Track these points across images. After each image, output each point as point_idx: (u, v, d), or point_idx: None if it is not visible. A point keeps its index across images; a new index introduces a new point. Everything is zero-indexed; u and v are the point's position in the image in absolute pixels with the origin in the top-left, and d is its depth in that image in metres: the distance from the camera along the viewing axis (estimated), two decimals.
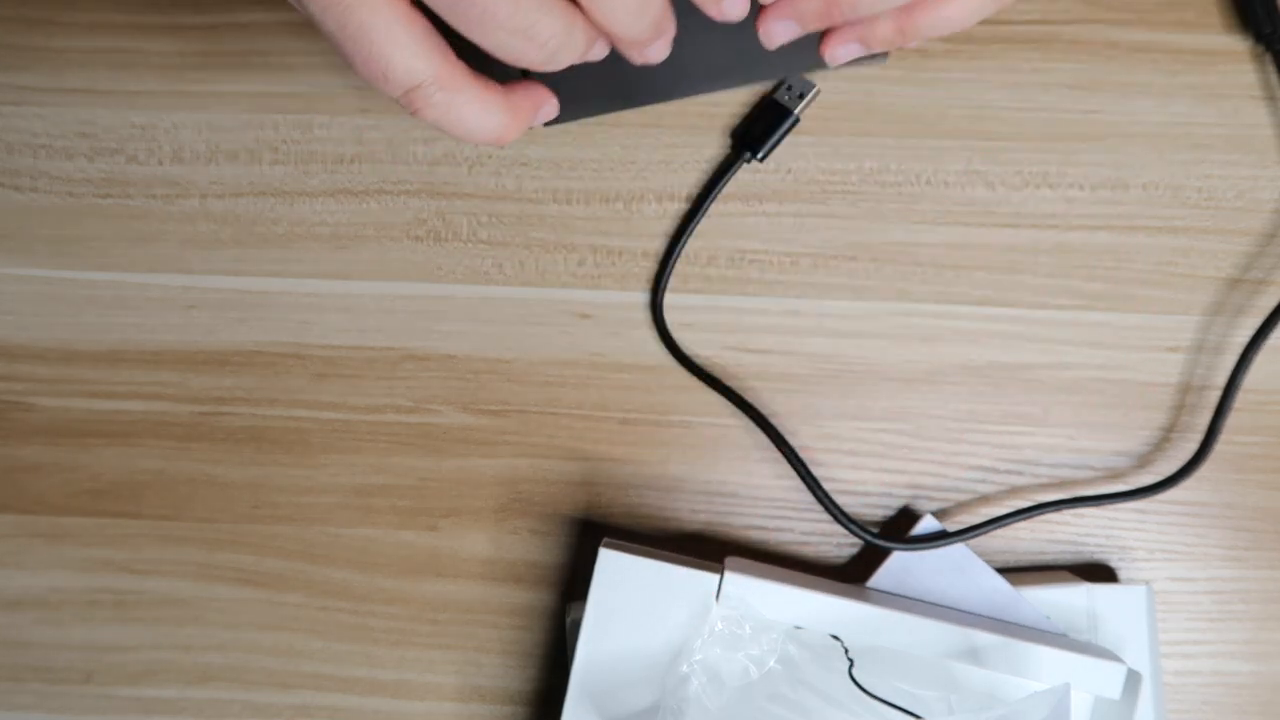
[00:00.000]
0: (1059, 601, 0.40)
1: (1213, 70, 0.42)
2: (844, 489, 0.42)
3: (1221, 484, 0.42)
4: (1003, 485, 0.42)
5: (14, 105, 0.43)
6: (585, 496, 0.43)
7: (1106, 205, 0.42)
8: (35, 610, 0.43)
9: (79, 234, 0.43)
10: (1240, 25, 0.42)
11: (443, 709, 0.43)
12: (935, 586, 0.40)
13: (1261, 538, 0.42)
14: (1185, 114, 0.42)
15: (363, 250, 0.43)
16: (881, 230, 0.42)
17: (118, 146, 0.43)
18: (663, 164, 0.42)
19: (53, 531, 0.43)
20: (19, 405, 0.43)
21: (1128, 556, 0.42)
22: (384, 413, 0.43)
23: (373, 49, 0.25)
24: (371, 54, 0.25)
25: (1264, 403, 0.42)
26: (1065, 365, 0.42)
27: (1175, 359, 0.42)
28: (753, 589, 0.37)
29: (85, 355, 0.43)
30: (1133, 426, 0.42)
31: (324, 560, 0.43)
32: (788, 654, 0.38)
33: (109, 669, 0.43)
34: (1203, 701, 0.42)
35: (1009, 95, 0.42)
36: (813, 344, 0.42)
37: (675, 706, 0.36)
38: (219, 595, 0.43)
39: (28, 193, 0.43)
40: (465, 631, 0.43)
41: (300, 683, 0.43)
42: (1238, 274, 0.42)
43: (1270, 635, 0.42)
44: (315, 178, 0.43)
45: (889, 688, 0.37)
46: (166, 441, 0.43)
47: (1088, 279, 0.42)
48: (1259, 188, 0.42)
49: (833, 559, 0.43)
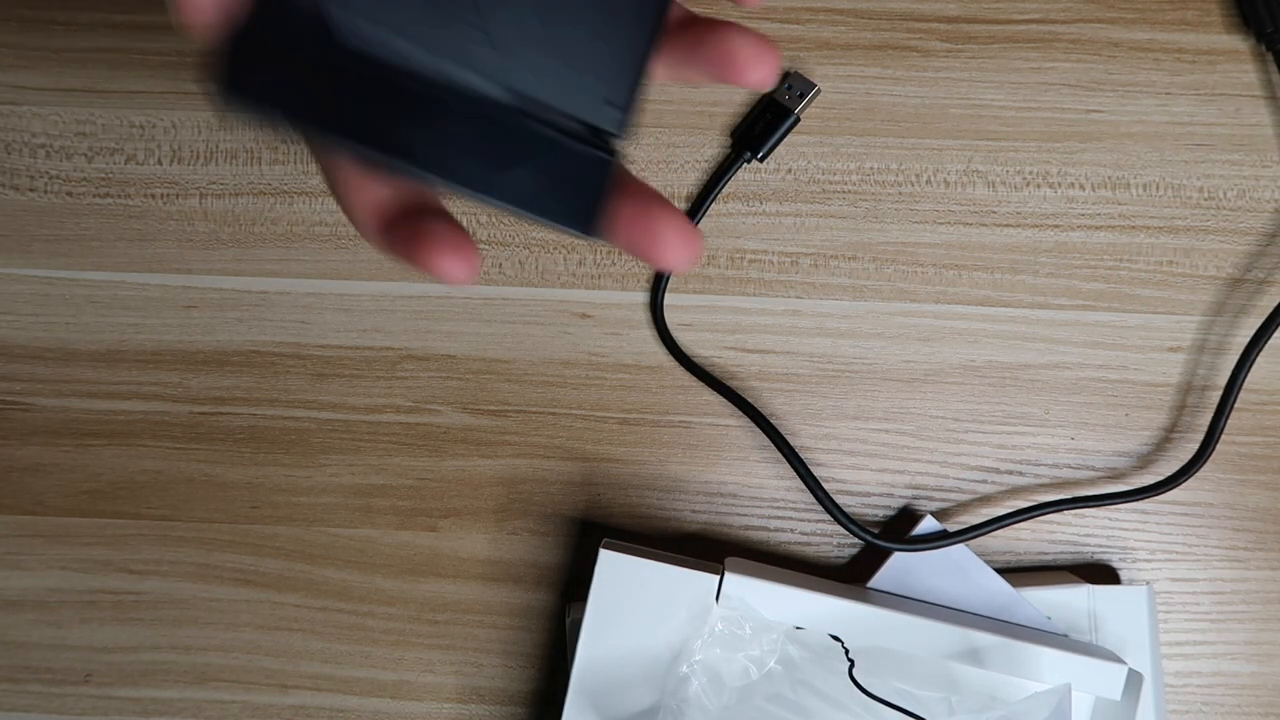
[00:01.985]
0: (1060, 602, 0.40)
1: (1214, 70, 0.42)
2: (844, 489, 0.42)
3: (1222, 484, 0.42)
4: (1003, 485, 0.42)
5: (13, 105, 0.43)
6: (585, 496, 0.43)
7: (1107, 205, 0.42)
8: (35, 610, 0.43)
9: (78, 234, 0.43)
10: (1241, 24, 0.42)
11: (442, 710, 0.43)
12: (936, 587, 0.40)
13: (1262, 538, 0.42)
14: (1186, 113, 0.42)
15: (363, 250, 0.43)
16: (881, 230, 0.42)
17: (117, 146, 0.43)
18: (663, 164, 0.42)
19: (52, 531, 0.43)
20: (18, 405, 0.43)
21: (1129, 557, 0.42)
22: (384, 413, 0.43)
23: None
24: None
25: (1265, 403, 0.42)
26: (1065, 365, 0.42)
27: (1176, 359, 0.42)
28: (753, 589, 0.37)
29: (84, 355, 0.43)
30: (1133, 427, 0.42)
31: (324, 560, 0.43)
32: (788, 654, 0.38)
33: (108, 669, 0.43)
34: (1203, 702, 0.42)
35: (1009, 95, 0.42)
36: (813, 344, 0.42)
37: (675, 707, 0.36)
38: (219, 595, 0.43)
39: (26, 193, 0.43)
40: (465, 632, 0.43)
41: (300, 683, 0.43)
42: (1239, 274, 0.42)
43: (1271, 636, 0.42)
44: (315, 177, 0.43)
45: (889, 688, 0.37)
46: (165, 441, 0.43)
47: (1088, 279, 0.42)
48: (1260, 187, 0.42)
49: (833, 559, 0.42)
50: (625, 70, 0.24)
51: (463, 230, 0.24)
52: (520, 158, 0.23)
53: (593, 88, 0.24)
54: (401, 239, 0.24)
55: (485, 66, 0.23)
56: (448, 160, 0.23)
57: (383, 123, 0.22)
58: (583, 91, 0.24)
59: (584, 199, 0.23)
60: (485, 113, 0.23)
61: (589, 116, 0.23)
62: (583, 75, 0.24)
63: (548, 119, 0.23)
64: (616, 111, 0.24)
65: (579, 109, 0.23)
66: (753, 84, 0.24)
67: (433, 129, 0.23)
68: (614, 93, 0.24)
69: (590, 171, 0.24)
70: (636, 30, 0.24)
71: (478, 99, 0.23)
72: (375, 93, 0.22)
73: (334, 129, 0.22)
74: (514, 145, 0.23)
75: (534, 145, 0.23)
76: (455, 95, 0.23)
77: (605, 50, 0.24)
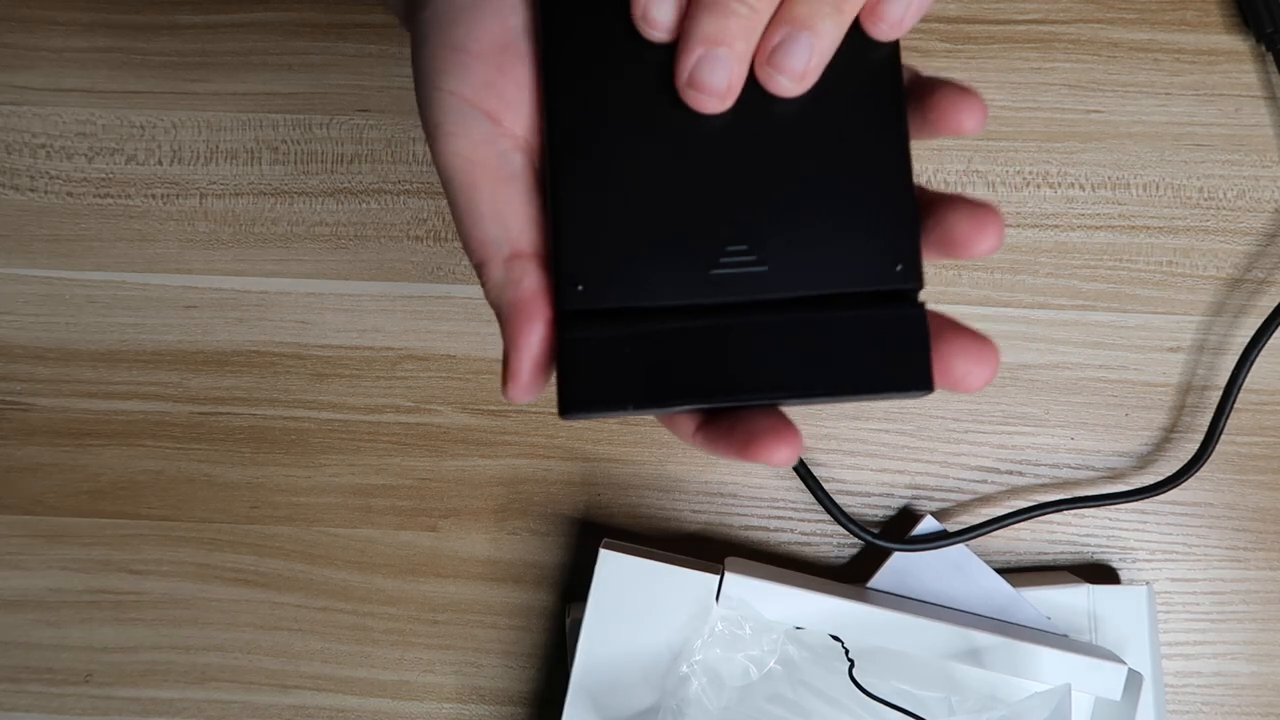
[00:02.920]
0: (1060, 602, 0.40)
1: (1214, 70, 0.42)
2: (844, 489, 0.42)
3: (1222, 484, 0.42)
4: (1003, 485, 0.42)
5: (13, 105, 0.43)
6: (585, 496, 0.43)
7: (1107, 205, 0.42)
8: (35, 610, 0.43)
9: (78, 234, 0.43)
10: (1241, 25, 0.42)
11: (442, 710, 0.43)
12: (935, 587, 0.40)
13: (1262, 538, 0.42)
14: (1186, 114, 0.42)
15: (363, 250, 0.43)
16: None
17: (117, 146, 0.43)
18: None
19: (52, 531, 0.43)
20: (18, 405, 0.43)
21: (1129, 557, 0.42)
22: (384, 413, 0.43)
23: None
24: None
25: (1265, 403, 0.42)
26: (1065, 365, 0.42)
27: (1176, 359, 0.42)
28: (753, 589, 0.37)
29: (84, 355, 0.43)
30: (1133, 427, 0.42)
31: (324, 561, 0.43)
32: (788, 654, 0.38)
33: (109, 669, 0.43)
34: (1203, 702, 0.42)
35: (1009, 95, 0.42)
36: None
37: (675, 707, 0.36)
38: (219, 595, 0.43)
39: (27, 193, 0.43)
40: (465, 632, 0.43)
41: (300, 683, 0.43)
42: (1238, 274, 0.42)
43: (1271, 636, 0.42)
44: (315, 177, 0.43)
45: (889, 688, 0.37)
46: (165, 442, 0.43)
47: (1088, 279, 0.42)
48: (1260, 187, 0.42)
49: (833, 559, 0.42)
50: (900, 222, 0.23)
51: (778, 414, 0.24)
52: (840, 347, 0.23)
53: (876, 257, 0.23)
54: (729, 444, 0.24)
55: (767, 284, 0.23)
56: (783, 380, 0.23)
57: (708, 375, 0.23)
58: (868, 265, 0.23)
59: (914, 360, 0.23)
60: (789, 319, 0.23)
61: (884, 284, 0.23)
62: (863, 250, 0.23)
63: (846, 303, 0.23)
64: (907, 266, 0.23)
65: (873, 282, 0.23)
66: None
67: (752, 357, 0.23)
68: (899, 251, 0.23)
69: (908, 331, 0.23)
70: (894, 176, 0.24)
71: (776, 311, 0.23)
72: (687, 351, 0.23)
73: (675, 400, 0.23)
74: (828, 338, 0.23)
75: (846, 330, 0.23)
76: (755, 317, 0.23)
77: (874, 214, 0.23)
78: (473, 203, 0.24)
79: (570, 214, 0.24)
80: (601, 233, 0.24)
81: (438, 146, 0.24)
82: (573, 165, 0.24)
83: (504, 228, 0.24)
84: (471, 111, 0.24)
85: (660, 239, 0.24)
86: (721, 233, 0.23)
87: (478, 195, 0.24)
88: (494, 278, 0.24)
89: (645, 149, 0.24)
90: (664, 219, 0.24)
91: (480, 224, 0.24)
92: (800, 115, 0.24)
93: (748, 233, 0.23)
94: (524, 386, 0.24)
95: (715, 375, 0.23)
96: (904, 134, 0.24)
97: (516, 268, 0.24)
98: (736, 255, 0.23)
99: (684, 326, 0.23)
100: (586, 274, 0.23)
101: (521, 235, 0.24)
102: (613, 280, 0.23)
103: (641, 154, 0.24)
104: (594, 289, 0.23)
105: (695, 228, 0.24)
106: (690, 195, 0.24)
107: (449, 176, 0.24)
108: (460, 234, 0.25)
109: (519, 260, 0.24)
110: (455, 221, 0.25)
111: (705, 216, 0.24)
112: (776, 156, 0.24)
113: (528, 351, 0.24)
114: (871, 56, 0.24)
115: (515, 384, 0.24)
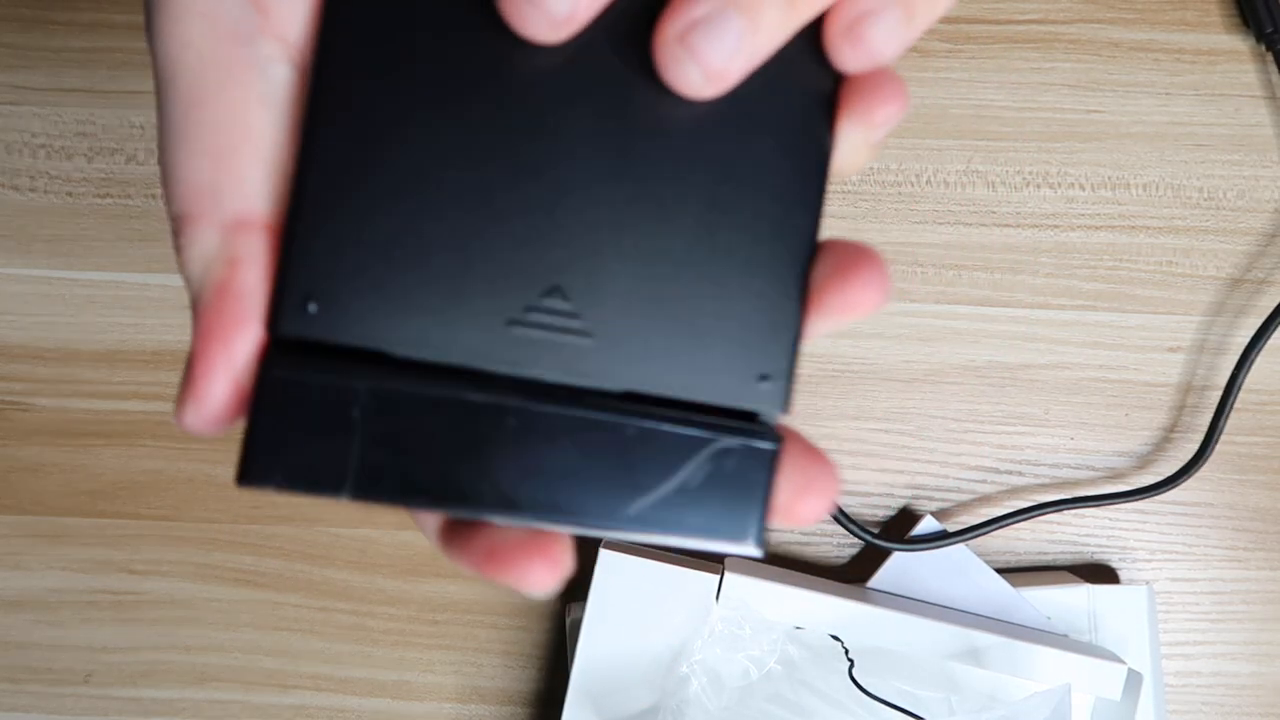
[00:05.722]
0: (1060, 602, 0.40)
1: (1214, 70, 0.42)
2: (844, 489, 0.42)
3: (1222, 484, 0.42)
4: (1003, 485, 0.42)
5: (13, 105, 0.43)
6: None
7: (1107, 205, 0.42)
8: (35, 610, 0.43)
9: (78, 234, 0.43)
10: (1241, 24, 0.42)
11: (442, 710, 0.43)
12: (935, 587, 0.40)
13: (1262, 538, 0.42)
14: (1186, 114, 0.42)
15: None
16: (881, 230, 0.42)
17: (117, 146, 0.43)
18: None
19: (52, 531, 0.43)
20: (18, 405, 0.43)
21: (1128, 557, 0.42)
22: None
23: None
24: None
25: (1265, 403, 0.42)
26: (1065, 365, 0.42)
27: (1176, 359, 0.42)
28: (753, 589, 0.37)
29: (84, 355, 0.43)
30: (1133, 427, 0.42)
31: (324, 560, 0.43)
32: (788, 655, 0.38)
33: (108, 669, 0.43)
34: (1203, 702, 0.42)
35: (1009, 95, 0.42)
36: (812, 344, 0.42)
37: (675, 707, 0.36)
38: (219, 595, 0.43)
39: (27, 193, 0.43)
40: (465, 632, 0.43)
41: (300, 683, 0.43)
42: (1238, 274, 0.42)
43: (1271, 636, 0.42)
44: None
45: (889, 688, 0.37)
46: (166, 441, 0.43)
47: (1088, 279, 0.42)
48: (1260, 187, 0.42)
49: (833, 559, 0.42)
50: (778, 330, 0.18)
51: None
52: (655, 473, 0.17)
53: (739, 364, 0.18)
54: (470, 554, 0.18)
55: (583, 366, 0.17)
56: (565, 502, 0.17)
57: (461, 473, 0.17)
58: (726, 372, 0.18)
59: (747, 510, 0.18)
60: (595, 423, 0.17)
61: (740, 401, 0.18)
62: (724, 352, 0.18)
63: (682, 415, 0.18)
64: (774, 385, 0.18)
65: (726, 395, 0.18)
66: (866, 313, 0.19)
67: (529, 460, 0.17)
68: (767, 362, 0.18)
69: (749, 469, 0.18)
70: (789, 257, 0.18)
71: (581, 406, 0.17)
72: (442, 431, 0.17)
73: (408, 497, 0.17)
74: (642, 459, 0.17)
75: (669, 453, 0.17)
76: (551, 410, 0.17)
77: (750, 302, 0.18)
78: (194, 124, 0.16)
79: (322, 191, 0.16)
80: (364, 231, 0.16)
81: (159, 26, 0.16)
82: (344, 114, 0.16)
83: (234, 175, 0.16)
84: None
85: (449, 260, 0.16)
86: (539, 272, 0.17)
87: (203, 113, 0.16)
88: (201, 244, 0.17)
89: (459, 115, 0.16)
90: (462, 230, 0.16)
91: (197, 158, 0.16)
92: (692, 133, 0.17)
93: (576, 281, 0.17)
94: (209, 412, 0.17)
95: (471, 475, 0.17)
96: (818, 207, 0.18)
97: (240, 240, 0.17)
98: (553, 311, 0.17)
99: (446, 396, 0.16)
100: (326, 289, 0.16)
101: (257, 193, 0.17)
102: (363, 308, 0.16)
103: (452, 124, 0.16)
104: (332, 314, 0.16)
105: (504, 256, 0.17)
106: (509, 206, 0.17)
107: (167, 76, 0.16)
108: (162, 166, 0.17)
109: (246, 231, 0.17)
110: (159, 146, 0.17)
111: (523, 243, 0.17)
112: (644, 183, 0.17)
113: (226, 364, 0.16)
114: (810, 87, 0.18)
115: (197, 405, 0.17)
